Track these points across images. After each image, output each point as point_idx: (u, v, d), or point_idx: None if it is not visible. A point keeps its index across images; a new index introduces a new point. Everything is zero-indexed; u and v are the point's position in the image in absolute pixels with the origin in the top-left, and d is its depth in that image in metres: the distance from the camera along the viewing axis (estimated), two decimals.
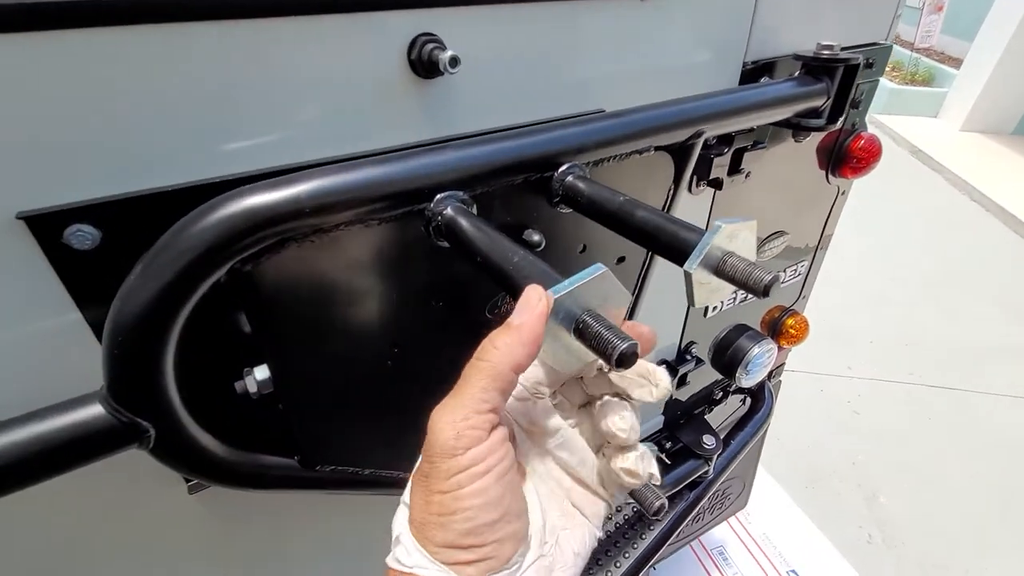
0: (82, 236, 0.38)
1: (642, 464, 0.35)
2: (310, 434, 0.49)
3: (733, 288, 0.38)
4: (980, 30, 5.32)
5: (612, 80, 0.61)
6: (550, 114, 0.56)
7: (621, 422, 0.34)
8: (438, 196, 0.42)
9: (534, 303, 0.30)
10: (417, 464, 0.32)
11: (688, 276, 0.36)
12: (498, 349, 0.31)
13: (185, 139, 0.40)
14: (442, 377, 0.56)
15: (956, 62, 6.07)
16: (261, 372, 0.45)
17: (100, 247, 0.39)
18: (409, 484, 0.33)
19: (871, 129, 1.05)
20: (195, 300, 0.36)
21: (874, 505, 2.08)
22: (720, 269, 0.36)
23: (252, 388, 0.45)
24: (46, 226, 0.37)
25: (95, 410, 0.37)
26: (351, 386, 0.49)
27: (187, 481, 0.52)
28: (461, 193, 0.43)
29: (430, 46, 0.45)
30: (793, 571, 1.84)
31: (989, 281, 3.39)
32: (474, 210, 0.44)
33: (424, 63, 0.46)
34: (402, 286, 0.47)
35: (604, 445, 0.37)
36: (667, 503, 0.45)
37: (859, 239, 3.81)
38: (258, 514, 0.61)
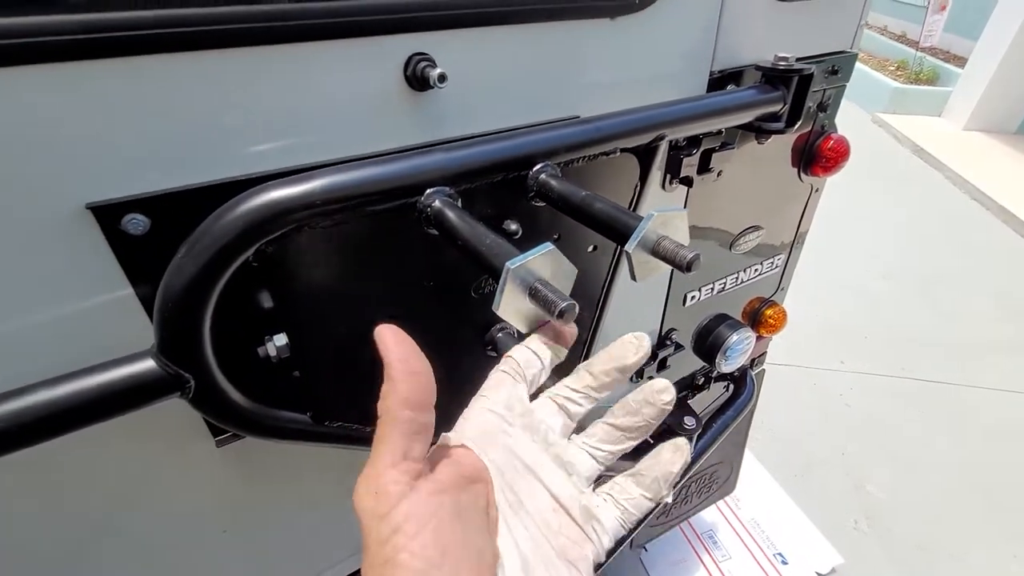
0: (136, 223, 0.47)
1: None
2: (320, 393, 0.57)
3: (669, 267, 0.46)
4: (984, 29, 5.33)
5: (586, 90, 0.68)
6: (529, 120, 0.65)
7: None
8: (428, 191, 0.50)
9: (388, 340, 0.30)
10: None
11: (627, 255, 0.44)
12: (383, 398, 0.29)
13: (219, 144, 0.49)
14: (434, 347, 0.65)
15: (961, 61, 6.08)
16: (280, 339, 0.54)
17: (149, 233, 0.48)
18: None
19: (867, 127, 1.11)
20: (228, 276, 0.45)
21: (861, 493, 2.15)
22: (655, 250, 0.44)
23: (272, 352, 0.54)
24: (108, 215, 0.46)
25: (148, 364, 0.46)
26: (356, 353, 0.57)
27: (215, 436, 0.61)
28: (448, 188, 0.52)
29: (423, 64, 0.53)
30: (780, 554, 1.91)
31: (985, 278, 3.43)
32: (459, 203, 0.52)
33: (418, 78, 0.54)
34: (399, 267, 0.55)
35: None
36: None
37: (857, 236, 3.86)
38: (276, 467, 0.69)
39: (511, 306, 0.39)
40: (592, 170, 0.64)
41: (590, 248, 0.70)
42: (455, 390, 0.70)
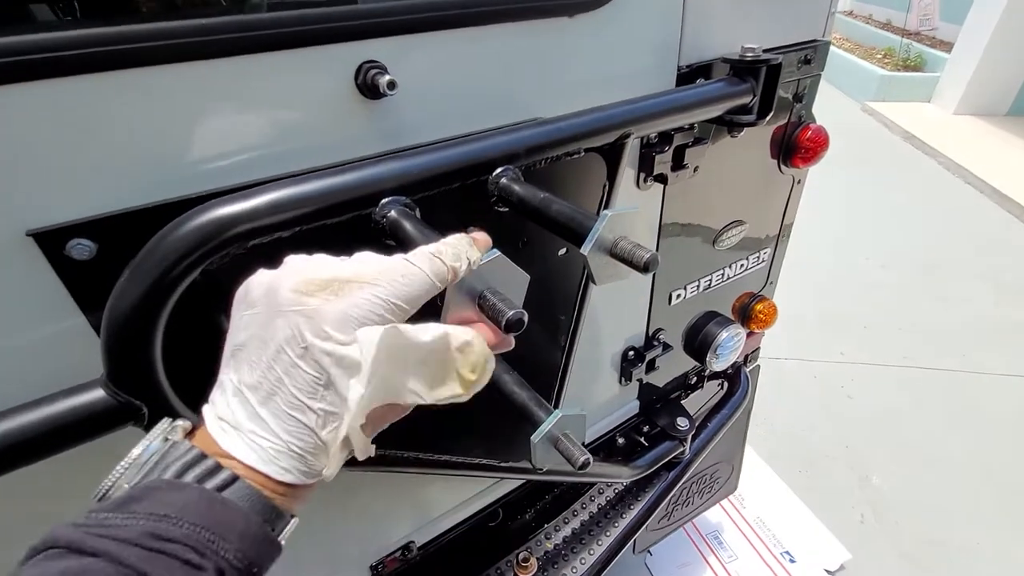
0: (81, 248, 0.46)
1: None
2: None
3: (630, 271, 0.45)
4: (969, 13, 5.33)
5: (549, 91, 0.67)
6: (490, 124, 0.63)
7: None
8: (382, 201, 0.49)
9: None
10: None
11: (584, 258, 0.42)
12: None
13: (167, 163, 0.48)
14: None
15: (947, 46, 6.08)
16: None
17: (97, 257, 0.47)
18: None
19: (857, 116, 1.10)
20: (175, 297, 0.43)
21: (867, 486, 2.12)
22: (613, 251, 0.43)
23: None
24: (51, 241, 0.45)
25: (97, 393, 0.44)
26: None
27: None
28: (404, 198, 0.50)
29: (373, 72, 0.52)
30: (787, 552, 1.88)
31: (983, 262, 3.41)
32: (417, 213, 0.51)
33: (369, 87, 0.53)
34: None
35: None
36: (591, 459, 0.52)
37: (852, 226, 3.84)
38: None
39: (459, 316, 0.37)
40: (557, 172, 0.63)
41: (561, 251, 0.69)
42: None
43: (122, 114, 0.44)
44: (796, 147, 1.04)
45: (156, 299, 0.43)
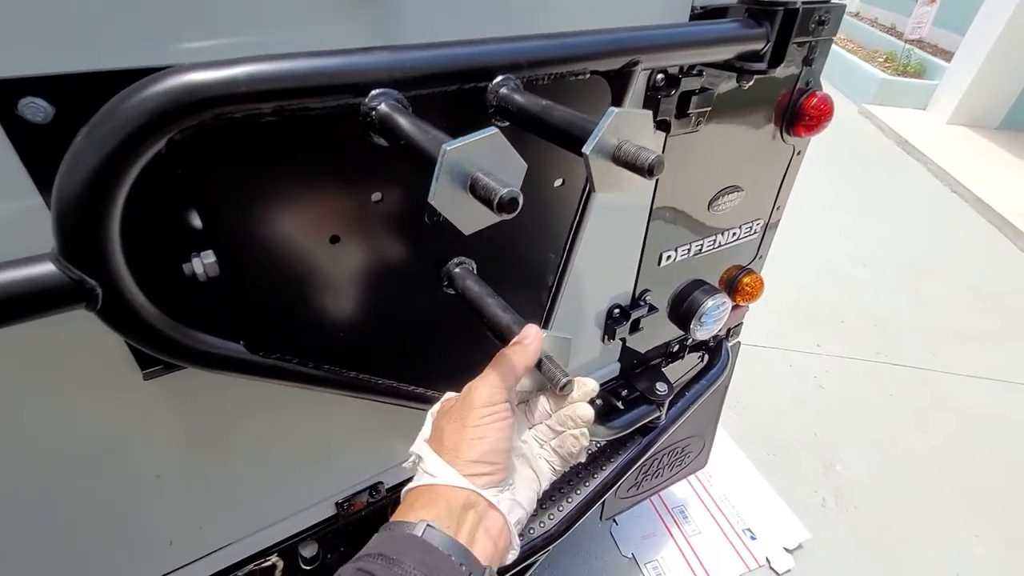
0: (35, 109, 0.42)
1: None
2: (254, 319, 0.53)
3: (634, 178, 0.42)
4: (972, 24, 5.35)
5: (562, 12, 0.64)
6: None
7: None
8: (373, 92, 0.46)
9: (531, 335, 0.51)
10: (447, 411, 0.49)
11: (585, 158, 0.40)
12: (512, 355, 0.49)
13: (142, 27, 0.43)
14: (385, 278, 0.60)
15: (948, 55, 6.11)
16: (208, 256, 0.49)
17: (53, 122, 0.43)
18: (430, 422, 0.50)
19: (854, 117, 1.08)
20: (138, 167, 0.40)
21: (831, 473, 2.17)
22: (616, 155, 0.40)
23: (199, 270, 0.49)
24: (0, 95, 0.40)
25: (47, 267, 0.41)
26: (293, 274, 0.52)
27: (141, 368, 0.56)
28: (396, 92, 0.47)
29: None
30: (748, 529, 1.92)
31: (962, 269, 3.48)
32: (410, 111, 0.48)
33: None
34: (342, 178, 0.50)
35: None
36: (573, 381, 0.50)
37: (839, 223, 3.88)
38: (216, 406, 0.65)
39: (447, 197, 0.34)
40: (559, 91, 0.59)
41: (557, 183, 0.66)
42: (409, 324, 0.66)
43: None
44: (800, 114, 1.02)
45: (116, 167, 0.39)
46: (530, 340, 0.50)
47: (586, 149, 0.39)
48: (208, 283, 0.49)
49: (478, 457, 0.44)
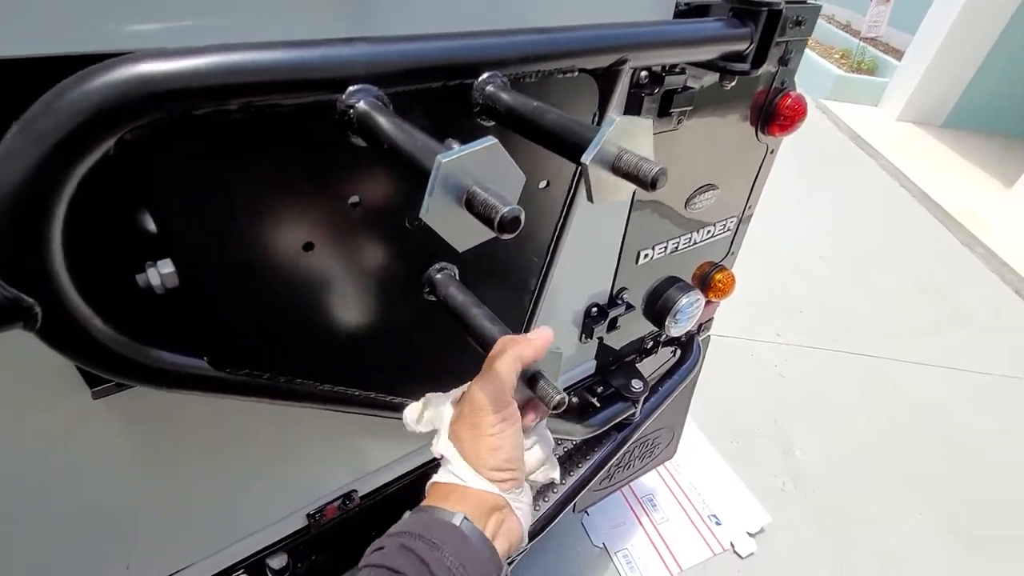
0: None
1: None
2: (220, 333, 0.48)
3: (630, 187, 0.40)
4: (921, 24, 5.58)
5: (547, 7, 0.61)
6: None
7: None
8: (350, 88, 0.42)
9: (544, 332, 0.50)
10: (458, 417, 0.50)
11: (584, 168, 0.37)
12: (514, 352, 0.48)
13: (79, 4, 0.38)
14: (363, 286, 0.56)
15: (899, 54, 6.36)
16: (165, 265, 0.44)
17: None
18: (447, 432, 0.50)
19: (811, 111, 1.10)
20: (83, 170, 0.35)
21: (789, 458, 2.26)
22: (616, 165, 0.38)
23: (155, 281, 0.44)
24: None
25: None
26: (263, 285, 0.48)
27: (90, 386, 0.51)
28: (375, 88, 0.43)
29: None
30: (714, 515, 1.98)
31: (909, 263, 3.66)
32: (390, 109, 0.44)
33: None
34: (316, 182, 0.47)
35: None
36: (566, 398, 0.48)
37: (797, 217, 4.01)
38: (172, 425, 0.60)
39: (441, 213, 0.31)
40: (546, 89, 0.56)
41: (542, 184, 0.64)
42: (389, 332, 0.63)
43: None
44: (775, 114, 1.03)
45: (55, 170, 0.34)
46: (536, 336, 0.50)
47: (586, 159, 0.37)
48: (166, 295, 0.45)
49: (498, 465, 0.46)
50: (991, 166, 5.00)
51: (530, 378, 0.50)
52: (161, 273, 0.44)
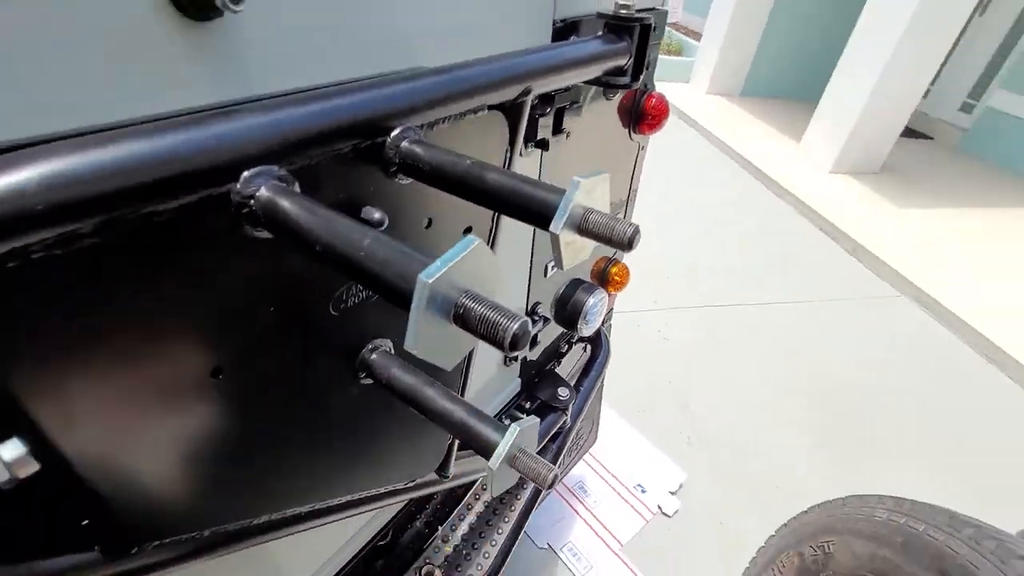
0: None
1: None
2: (110, 513, 0.36)
3: (595, 244, 0.38)
4: (710, 11, 6.42)
5: (424, 35, 0.55)
6: (366, 72, 0.49)
7: None
8: (245, 174, 0.33)
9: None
10: None
11: (555, 238, 0.34)
12: None
13: None
14: (291, 390, 0.46)
15: (698, 36, 7.27)
16: (11, 448, 0.32)
17: None
18: None
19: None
20: None
21: (687, 413, 2.48)
22: (583, 227, 0.35)
23: (2, 477, 0.31)
24: None
25: None
26: (165, 432, 0.37)
27: None
28: (276, 168, 0.35)
29: None
30: (639, 485, 2.11)
31: (738, 214, 4.23)
32: (296, 188, 0.36)
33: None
34: (217, 296, 0.37)
35: None
36: (559, 473, 0.45)
37: (642, 186, 4.40)
38: None
39: (430, 340, 0.26)
40: (456, 134, 0.52)
41: (463, 230, 0.59)
42: (327, 429, 0.53)
43: None
44: (643, 114, 1.08)
45: None
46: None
47: (555, 228, 0.33)
48: (20, 487, 0.32)
49: None
50: (783, 125, 5.96)
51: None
52: (5, 461, 0.31)
